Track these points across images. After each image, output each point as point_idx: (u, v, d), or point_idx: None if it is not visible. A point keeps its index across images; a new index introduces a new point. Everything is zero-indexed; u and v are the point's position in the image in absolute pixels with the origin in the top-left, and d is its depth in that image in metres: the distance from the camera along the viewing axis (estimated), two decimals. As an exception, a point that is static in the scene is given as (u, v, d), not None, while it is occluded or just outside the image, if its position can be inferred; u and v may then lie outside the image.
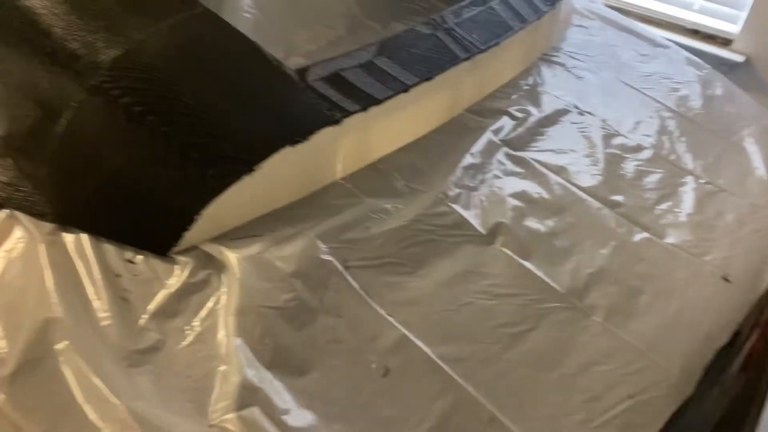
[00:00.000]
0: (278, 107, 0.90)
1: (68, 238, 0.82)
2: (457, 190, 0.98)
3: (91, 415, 0.68)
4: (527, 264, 0.90)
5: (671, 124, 1.27)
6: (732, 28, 2.42)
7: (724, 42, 2.44)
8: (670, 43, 1.64)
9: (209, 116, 0.86)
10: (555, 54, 1.40)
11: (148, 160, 0.84)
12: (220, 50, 0.92)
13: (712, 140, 1.26)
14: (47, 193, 0.85)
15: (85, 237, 0.82)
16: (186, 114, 0.85)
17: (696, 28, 2.48)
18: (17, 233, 0.84)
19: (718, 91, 1.45)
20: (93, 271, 0.80)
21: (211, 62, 0.90)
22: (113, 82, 0.84)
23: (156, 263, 0.81)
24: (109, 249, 0.82)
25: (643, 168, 1.13)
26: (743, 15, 2.39)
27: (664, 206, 1.06)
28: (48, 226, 0.83)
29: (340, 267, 0.82)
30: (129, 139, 0.84)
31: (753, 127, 1.34)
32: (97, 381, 0.70)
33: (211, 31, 0.92)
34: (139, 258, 0.82)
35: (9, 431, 0.71)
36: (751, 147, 1.28)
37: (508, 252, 0.92)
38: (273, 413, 0.69)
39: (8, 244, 0.83)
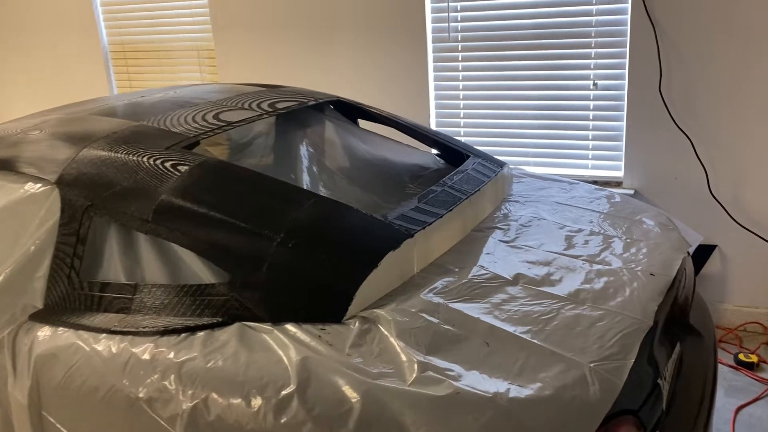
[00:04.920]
0: (381, 233, 1.58)
1: (282, 327, 1.42)
2: (487, 264, 1.65)
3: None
4: (540, 288, 1.55)
5: (595, 217, 2.01)
6: (618, 174, 3.36)
7: (618, 183, 3.36)
8: (579, 181, 2.46)
9: (348, 244, 1.53)
10: (510, 197, 2.17)
11: (319, 275, 1.48)
12: (338, 213, 1.61)
13: (622, 220, 2.00)
14: (262, 308, 1.46)
15: (293, 324, 1.42)
16: (331, 248, 1.51)
17: (595, 179, 3.41)
18: (248, 332, 1.43)
19: (617, 199, 2.23)
20: (306, 338, 1.38)
21: (336, 220, 1.59)
22: (288, 240, 1.51)
23: (337, 327, 1.41)
24: (309, 327, 1.42)
25: (586, 238, 1.84)
26: (622, 164, 3.34)
27: (605, 253, 1.75)
28: (268, 325, 1.43)
29: (442, 302, 1.45)
30: (304, 271, 1.48)
31: (644, 213, 2.10)
32: (335, 375, 1.27)
33: (330, 206, 1.63)
34: (327, 327, 1.42)
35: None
36: (648, 221, 2.03)
37: (527, 286, 1.56)
38: (439, 371, 1.27)
39: (248, 340, 1.42)
